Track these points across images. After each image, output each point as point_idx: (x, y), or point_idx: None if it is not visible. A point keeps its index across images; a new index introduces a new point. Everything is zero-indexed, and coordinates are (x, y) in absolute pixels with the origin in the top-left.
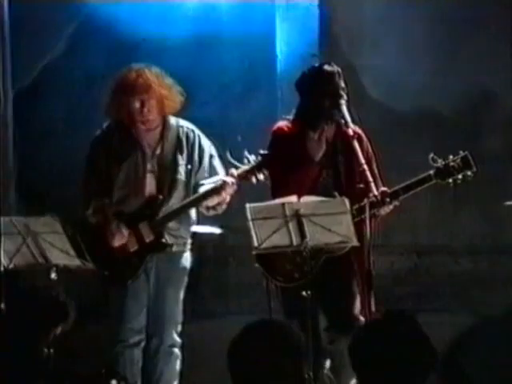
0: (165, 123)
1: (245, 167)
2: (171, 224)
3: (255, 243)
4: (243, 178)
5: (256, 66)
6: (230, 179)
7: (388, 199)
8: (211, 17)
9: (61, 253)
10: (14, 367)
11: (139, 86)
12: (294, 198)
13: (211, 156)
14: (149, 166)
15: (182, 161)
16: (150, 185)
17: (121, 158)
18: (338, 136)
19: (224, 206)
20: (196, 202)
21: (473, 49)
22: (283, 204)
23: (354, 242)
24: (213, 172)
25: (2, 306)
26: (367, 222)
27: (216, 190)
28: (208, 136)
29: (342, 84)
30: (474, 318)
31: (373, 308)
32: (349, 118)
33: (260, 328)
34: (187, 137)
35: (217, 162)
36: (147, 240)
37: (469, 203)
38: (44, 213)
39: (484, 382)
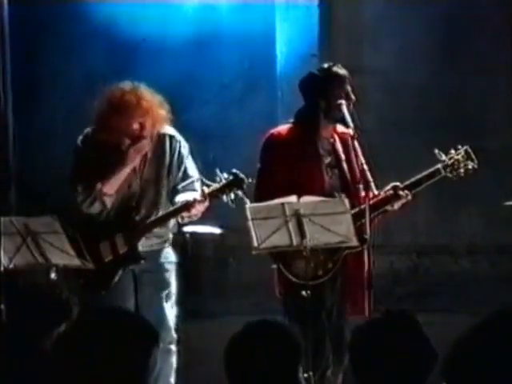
0: (152, 136)
1: (215, 186)
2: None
3: (255, 243)
4: (214, 196)
5: (256, 67)
6: (199, 198)
7: (402, 192)
8: (211, 17)
9: (60, 253)
10: (17, 367)
11: (141, 108)
12: (293, 198)
13: (188, 164)
14: (137, 176)
15: (164, 171)
16: (133, 195)
17: (110, 167)
18: (340, 136)
19: (197, 216)
20: (167, 218)
21: (472, 49)
22: (283, 204)
23: (354, 242)
24: (185, 176)
25: (2, 306)
26: (367, 222)
27: (185, 207)
28: (207, 136)
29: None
30: (474, 318)
31: (372, 308)
32: (349, 118)
33: (257, 328)
34: (170, 144)
35: (190, 165)
36: (121, 251)
37: (469, 203)
38: (44, 213)
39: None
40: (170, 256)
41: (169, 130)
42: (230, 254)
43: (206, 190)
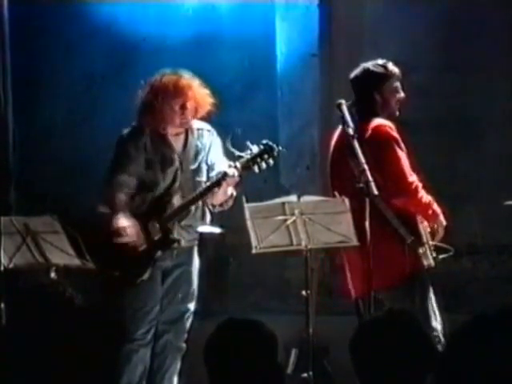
0: (189, 127)
1: (247, 156)
2: (194, 221)
3: (254, 243)
4: (246, 167)
5: (256, 66)
6: (231, 170)
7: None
8: (211, 17)
9: (60, 252)
10: (22, 366)
11: (182, 88)
12: (293, 198)
13: (221, 156)
14: (176, 169)
15: (202, 164)
16: (171, 186)
17: (151, 160)
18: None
19: (230, 202)
20: (200, 197)
21: (473, 48)
22: (283, 203)
23: (354, 242)
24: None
25: (2, 305)
26: (367, 221)
27: (217, 182)
28: None
29: None
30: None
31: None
32: (349, 118)
33: (233, 327)
34: (202, 138)
35: (224, 161)
36: (155, 238)
37: (469, 203)
38: (44, 213)
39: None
40: (197, 256)
41: (205, 125)
42: (230, 254)
43: (238, 162)
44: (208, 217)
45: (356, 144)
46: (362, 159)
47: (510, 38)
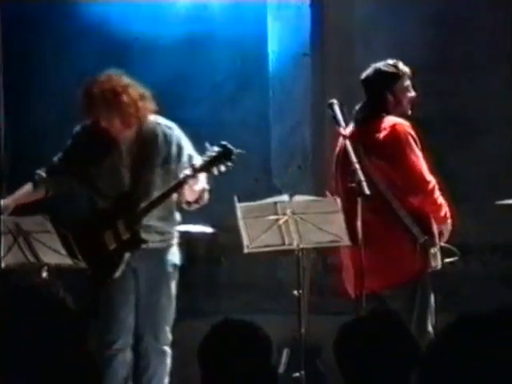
0: (141, 122)
1: (205, 159)
2: (154, 221)
3: (246, 242)
4: (204, 170)
5: (248, 66)
6: (187, 174)
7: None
8: (203, 16)
9: (52, 252)
10: (15, 367)
11: (117, 102)
12: (285, 197)
13: (190, 155)
14: (125, 164)
15: (158, 159)
16: (125, 183)
17: (98, 155)
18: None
19: (205, 198)
20: (162, 199)
21: (464, 48)
22: (275, 203)
23: (346, 242)
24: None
25: None
26: (359, 220)
27: (179, 185)
28: (199, 135)
29: None
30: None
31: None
32: (341, 118)
33: (228, 328)
34: (165, 135)
35: (193, 153)
36: (124, 238)
37: (461, 202)
38: (36, 212)
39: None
40: (173, 257)
41: (165, 121)
42: (222, 254)
43: (196, 164)
44: (175, 217)
45: (348, 144)
46: (354, 159)
47: (500, 38)
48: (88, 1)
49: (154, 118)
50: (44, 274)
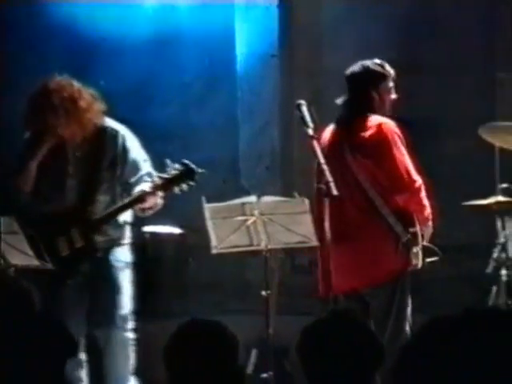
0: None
1: (166, 177)
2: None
3: (214, 243)
4: (165, 188)
5: (216, 66)
6: (149, 189)
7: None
8: (171, 17)
9: (19, 253)
10: None
11: (55, 103)
12: (253, 198)
13: (136, 156)
14: (70, 169)
15: (105, 163)
16: (71, 188)
17: (45, 160)
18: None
19: (158, 206)
20: (120, 211)
21: (431, 49)
22: (243, 204)
23: (314, 242)
24: (135, 170)
25: None
26: (327, 221)
27: (136, 200)
28: (167, 136)
29: None
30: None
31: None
32: (308, 119)
33: (194, 328)
34: (111, 137)
35: (143, 162)
36: (78, 245)
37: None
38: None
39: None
40: (120, 255)
41: (111, 124)
42: (190, 254)
43: (157, 181)
44: (120, 220)
45: (316, 144)
46: (322, 159)
47: (466, 39)
48: (55, 1)
49: (99, 121)
50: (11, 274)
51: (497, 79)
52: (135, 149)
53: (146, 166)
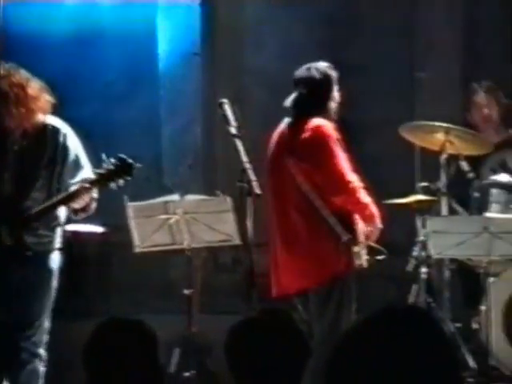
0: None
1: (102, 172)
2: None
3: (137, 242)
4: (101, 183)
5: (138, 65)
6: (83, 186)
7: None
8: (92, 15)
9: None
10: None
11: (4, 89)
12: (176, 197)
13: (77, 156)
14: (9, 162)
15: (43, 160)
16: (7, 181)
17: None
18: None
19: (93, 206)
20: (52, 208)
21: (353, 49)
22: (166, 202)
23: (237, 241)
24: (77, 169)
25: None
26: (249, 220)
27: (71, 196)
28: (90, 134)
29: None
30: (356, 315)
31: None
32: (231, 117)
33: (112, 327)
34: (52, 135)
35: (83, 162)
36: (7, 243)
37: None
38: None
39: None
40: (51, 262)
41: (54, 121)
42: (113, 253)
43: (94, 176)
44: (51, 220)
45: (239, 143)
46: (245, 158)
47: (387, 38)
48: None
49: (42, 118)
50: None
51: (415, 79)
52: (76, 149)
53: (86, 170)
